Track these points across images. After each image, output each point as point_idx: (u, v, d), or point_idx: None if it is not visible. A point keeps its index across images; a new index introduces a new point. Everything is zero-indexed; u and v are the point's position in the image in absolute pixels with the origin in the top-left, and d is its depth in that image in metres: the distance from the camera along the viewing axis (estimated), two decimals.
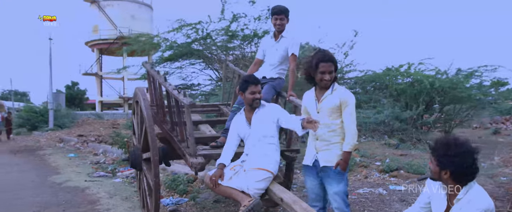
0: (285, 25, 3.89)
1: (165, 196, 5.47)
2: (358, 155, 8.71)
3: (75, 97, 39.64)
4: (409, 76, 13.30)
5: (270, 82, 3.91)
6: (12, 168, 8.36)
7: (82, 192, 5.64)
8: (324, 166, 2.81)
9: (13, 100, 36.00)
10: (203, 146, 3.73)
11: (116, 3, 35.42)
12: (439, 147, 2.03)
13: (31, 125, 20.54)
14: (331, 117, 2.79)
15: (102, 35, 33.80)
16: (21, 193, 5.73)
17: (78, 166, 8.31)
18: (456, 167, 1.96)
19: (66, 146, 12.59)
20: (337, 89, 2.84)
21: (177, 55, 14.23)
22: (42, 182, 6.55)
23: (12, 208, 4.88)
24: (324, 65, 2.77)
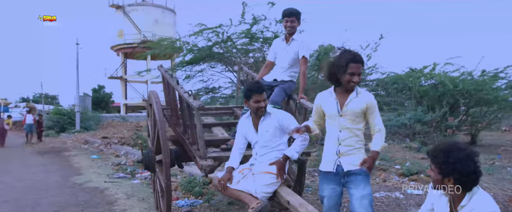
0: (296, 27, 3.89)
1: (181, 197, 5.55)
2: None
3: (101, 100, 40.73)
4: (433, 77, 12.98)
5: (280, 85, 3.91)
6: (38, 168, 8.68)
7: (101, 193, 5.80)
8: (349, 170, 2.66)
9: (43, 103, 37.34)
10: (214, 148, 3.77)
11: (140, 8, 36.27)
12: (439, 154, 1.96)
13: (59, 127, 21.25)
14: (354, 121, 2.67)
15: (127, 39, 34.64)
16: (45, 193, 5.95)
17: (99, 167, 8.54)
18: (459, 174, 1.89)
19: (90, 148, 12.96)
20: (362, 93, 2.72)
21: (198, 59, 14.41)
22: (65, 182, 6.77)
23: (37, 207, 5.07)
24: (354, 66, 2.62)
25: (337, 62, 2.68)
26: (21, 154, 12.08)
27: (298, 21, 3.89)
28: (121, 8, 35.75)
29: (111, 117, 26.92)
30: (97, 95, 40.48)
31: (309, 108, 3.54)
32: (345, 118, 2.68)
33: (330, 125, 2.75)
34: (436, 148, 2.02)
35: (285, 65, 3.94)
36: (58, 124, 21.44)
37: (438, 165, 1.96)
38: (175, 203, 5.19)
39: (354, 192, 2.66)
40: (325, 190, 2.79)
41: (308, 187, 5.90)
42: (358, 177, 2.65)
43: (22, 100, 42.00)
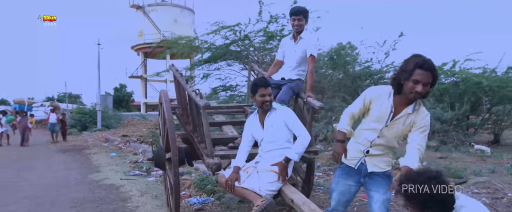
0: (303, 26, 3.88)
1: (193, 195, 5.63)
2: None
3: (122, 99, 41.56)
4: (453, 75, 12.66)
5: (288, 83, 3.92)
6: (59, 166, 8.96)
7: (116, 190, 5.94)
8: (372, 171, 2.55)
9: (67, 102, 38.42)
10: (222, 146, 3.81)
11: (160, 8, 36.81)
12: (406, 193, 1.76)
13: (81, 125, 21.82)
14: (396, 135, 2.50)
15: (146, 39, 35.21)
16: (64, 189, 6.14)
17: (117, 165, 8.74)
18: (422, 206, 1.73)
19: (110, 146, 13.26)
20: (420, 111, 2.42)
21: (215, 57, 14.54)
22: (83, 179, 6.97)
23: (55, 204, 5.24)
24: (421, 73, 2.26)
25: (404, 65, 2.36)
26: (45, 152, 12.48)
27: (306, 20, 3.88)
28: (141, 9, 36.38)
29: (131, 115, 27.45)
30: (118, 94, 41.35)
31: (316, 107, 3.54)
32: (390, 129, 2.49)
33: (371, 124, 2.54)
34: (402, 181, 1.83)
35: (293, 63, 3.95)
36: (80, 122, 22.01)
37: (410, 204, 1.79)
38: (187, 201, 5.27)
39: (374, 195, 2.57)
40: (340, 184, 2.69)
41: (320, 185, 5.88)
42: (380, 180, 2.56)
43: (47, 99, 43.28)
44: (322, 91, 12.59)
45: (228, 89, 15.50)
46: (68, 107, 34.50)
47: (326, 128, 10.84)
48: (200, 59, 14.91)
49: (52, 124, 16.08)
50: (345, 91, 13.00)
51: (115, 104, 35.35)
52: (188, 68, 16.91)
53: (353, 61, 13.56)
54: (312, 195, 5.32)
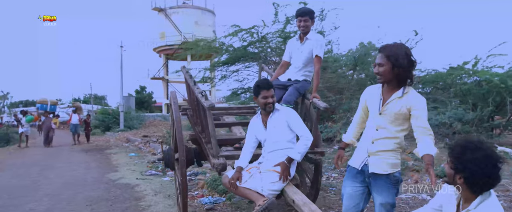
0: (309, 26, 3.88)
1: (206, 195, 5.70)
2: (411, 159, 8.30)
3: (144, 100, 42.41)
4: (475, 74, 12.27)
5: (294, 84, 3.91)
6: (80, 165, 9.24)
7: (131, 189, 6.08)
8: (373, 173, 2.47)
9: (93, 103, 39.51)
10: (228, 147, 3.85)
11: (181, 10, 37.33)
12: (455, 148, 1.86)
13: (105, 126, 22.40)
14: (393, 123, 2.43)
15: (168, 41, 35.77)
16: (82, 188, 6.34)
17: (135, 164, 8.93)
18: (470, 174, 1.78)
19: (130, 146, 13.56)
20: (409, 93, 2.41)
21: (233, 59, 14.65)
22: (101, 178, 7.17)
23: (72, 202, 5.42)
24: (378, 56, 2.44)
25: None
26: (68, 152, 12.89)
27: (312, 20, 3.88)
28: (162, 11, 36.98)
29: (153, 116, 27.96)
30: (141, 95, 42.20)
31: (321, 107, 3.53)
32: (384, 117, 2.46)
33: (370, 121, 2.57)
34: (457, 141, 1.93)
35: (299, 64, 3.94)
36: (103, 123, 22.61)
37: (452, 159, 1.87)
38: (199, 200, 5.34)
39: (375, 198, 2.51)
40: (347, 187, 2.64)
41: (332, 186, 5.84)
42: (383, 183, 2.47)
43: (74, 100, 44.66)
44: (340, 92, 12.46)
45: (247, 90, 15.60)
46: (93, 108, 35.49)
47: (343, 129, 10.73)
48: (218, 60, 15.07)
49: (74, 125, 15.66)
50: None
51: (138, 105, 36.10)
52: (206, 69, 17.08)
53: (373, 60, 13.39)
54: (323, 196, 5.29)
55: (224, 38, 14.57)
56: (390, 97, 2.44)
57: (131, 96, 33.97)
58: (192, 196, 5.61)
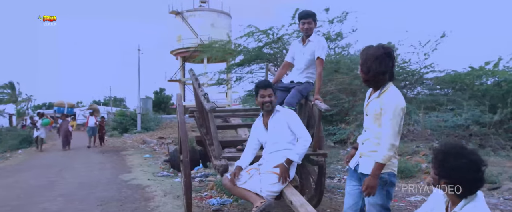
0: (312, 29, 3.90)
1: (215, 196, 5.76)
2: (425, 161, 8.18)
3: (162, 102, 42.95)
4: (495, 75, 11.97)
5: (296, 86, 3.93)
6: (95, 166, 9.47)
7: (142, 190, 6.20)
8: (362, 173, 2.54)
9: (112, 105, 40.30)
10: (231, 149, 3.90)
11: (197, 13, 37.75)
12: (438, 155, 1.87)
13: (123, 128, 22.79)
14: (375, 123, 2.47)
15: (184, 44, 36.18)
16: (95, 188, 6.50)
17: (149, 166, 9.09)
18: (454, 180, 1.79)
19: (146, 147, 13.79)
20: (386, 91, 2.44)
21: (247, 60, 14.71)
22: (114, 179, 7.34)
23: (84, 202, 5.57)
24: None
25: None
26: (85, 153, 13.22)
27: (315, 23, 3.90)
28: (179, 14, 37.46)
29: (170, 118, 28.27)
30: (158, 97, 42.78)
31: (322, 109, 3.54)
32: (369, 118, 2.52)
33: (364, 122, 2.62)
34: (440, 147, 1.94)
35: (301, 66, 3.96)
36: (121, 125, 23.00)
37: (435, 165, 1.87)
38: (207, 201, 5.41)
39: (365, 198, 2.53)
40: (347, 186, 2.72)
41: (341, 188, 5.81)
42: None
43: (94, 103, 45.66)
44: (354, 93, 12.37)
45: None
46: (113, 110, 36.20)
47: (357, 131, 10.64)
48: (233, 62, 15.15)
49: (92, 128, 15.43)
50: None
51: (155, 107, 36.62)
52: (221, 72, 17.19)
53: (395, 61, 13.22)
54: (330, 198, 5.28)
55: (239, 39, 14.68)
56: (371, 97, 2.53)
57: (149, 98, 34.51)
58: (201, 197, 5.68)
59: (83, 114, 24.66)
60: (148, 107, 27.99)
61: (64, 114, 17.07)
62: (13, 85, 36.83)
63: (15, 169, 9.76)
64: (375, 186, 2.37)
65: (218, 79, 16.49)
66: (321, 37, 4.00)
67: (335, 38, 13.00)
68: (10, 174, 8.73)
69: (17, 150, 15.08)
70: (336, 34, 12.87)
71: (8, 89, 37.43)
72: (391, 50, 2.48)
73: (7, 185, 7.23)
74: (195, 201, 5.41)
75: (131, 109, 30.93)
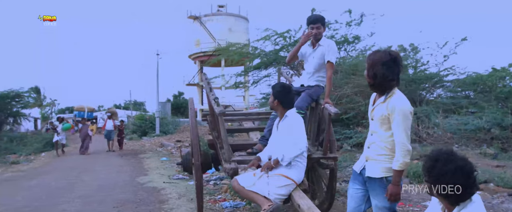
0: (321, 33, 3.90)
1: (228, 199, 5.80)
2: None
3: (180, 106, 43.45)
4: None
5: (306, 90, 3.94)
6: (114, 169, 9.67)
7: (157, 192, 6.30)
8: (369, 176, 2.54)
9: (132, 109, 41.04)
10: (241, 152, 3.94)
11: (215, 18, 38.14)
12: (427, 162, 1.87)
13: (142, 131, 23.20)
14: (383, 127, 2.48)
15: (203, 48, 36.59)
16: (112, 191, 6.65)
17: (165, 168, 9.23)
18: (444, 187, 1.78)
19: (163, 151, 13.99)
20: (392, 97, 2.44)
21: (264, 63, 14.76)
22: (130, 182, 7.48)
23: (101, 204, 5.70)
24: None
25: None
26: (105, 156, 13.50)
27: (324, 27, 3.90)
28: (198, 19, 37.93)
29: (188, 121, 28.58)
30: (177, 101, 43.32)
31: (332, 113, 3.53)
32: (375, 122, 2.55)
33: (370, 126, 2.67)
34: (429, 154, 1.92)
35: (311, 70, 3.97)
36: (140, 128, 23.42)
37: (425, 173, 1.88)
38: (221, 204, 5.46)
39: (372, 201, 2.56)
40: (350, 189, 2.73)
41: None
42: (376, 186, 2.51)
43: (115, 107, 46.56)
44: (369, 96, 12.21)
45: None
46: (132, 114, 36.86)
47: None
48: (250, 65, 15.23)
49: (109, 132, 15.19)
50: None
51: (174, 110, 37.09)
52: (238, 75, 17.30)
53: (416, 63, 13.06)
54: (343, 202, 5.24)
55: (256, 42, 14.77)
56: (377, 102, 2.54)
57: (168, 102, 35.00)
58: (215, 200, 5.73)
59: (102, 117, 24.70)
60: (166, 111, 28.42)
61: (84, 118, 16.89)
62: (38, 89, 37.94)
63: (38, 171, 10.06)
64: (399, 193, 2.40)
65: (234, 82, 16.61)
66: (331, 41, 3.99)
67: (352, 40, 12.95)
68: (34, 176, 9.01)
69: (41, 153, 15.51)
70: (353, 37, 12.82)
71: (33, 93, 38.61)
72: (397, 56, 2.49)
73: (30, 186, 7.47)
74: (208, 204, 5.48)
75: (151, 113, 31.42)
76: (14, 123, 22.36)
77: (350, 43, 12.91)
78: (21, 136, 19.04)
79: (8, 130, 20.92)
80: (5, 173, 9.92)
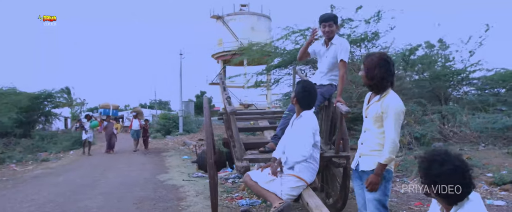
0: (334, 31, 3.87)
1: (245, 197, 5.86)
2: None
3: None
4: None
5: (319, 89, 3.92)
6: (136, 167, 9.92)
7: (176, 190, 6.42)
8: (362, 170, 2.70)
9: (157, 108, 41.85)
10: (253, 151, 3.96)
11: (238, 17, 38.29)
12: (423, 163, 1.88)
13: (165, 130, 23.65)
14: (376, 125, 2.63)
15: (225, 47, 36.81)
16: (133, 188, 6.82)
17: (186, 167, 9.38)
18: (439, 187, 1.79)
19: (185, 149, 14.21)
20: (386, 96, 2.60)
21: (285, 62, 14.75)
22: (151, 179, 7.65)
23: (122, 200, 5.87)
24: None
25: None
26: (129, 154, 13.83)
27: (336, 25, 3.87)
28: (220, 19, 38.19)
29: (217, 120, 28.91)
30: (200, 100, 43.85)
31: (343, 112, 3.51)
32: (368, 119, 2.69)
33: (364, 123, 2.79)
34: (425, 154, 1.94)
35: (324, 69, 3.96)
36: (164, 127, 23.88)
37: (421, 174, 1.89)
38: (237, 202, 5.52)
39: (365, 194, 2.69)
40: (354, 186, 2.90)
41: None
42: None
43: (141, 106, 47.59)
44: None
45: None
46: (157, 113, 37.59)
47: None
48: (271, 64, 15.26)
49: (136, 131, 15.08)
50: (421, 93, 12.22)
51: (197, 109, 37.52)
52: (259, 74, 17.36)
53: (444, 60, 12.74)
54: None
55: (276, 41, 14.77)
56: (372, 101, 2.70)
57: (191, 101, 35.47)
58: (232, 198, 5.79)
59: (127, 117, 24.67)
60: (189, 110, 28.80)
61: (109, 116, 16.87)
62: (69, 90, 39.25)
63: (66, 168, 10.44)
64: (377, 182, 2.55)
65: (255, 81, 16.66)
66: (344, 39, 3.96)
67: (372, 37, 12.73)
68: (61, 173, 9.37)
69: (70, 151, 16.08)
70: (372, 34, 12.60)
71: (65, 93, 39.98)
72: (391, 59, 2.67)
73: (56, 183, 7.76)
74: (225, 202, 5.55)
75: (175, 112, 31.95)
76: (46, 122, 23.26)
77: (369, 41, 12.69)
78: (52, 134, 19.77)
79: (40, 129, 21.78)
80: (35, 170, 10.35)
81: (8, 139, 16.12)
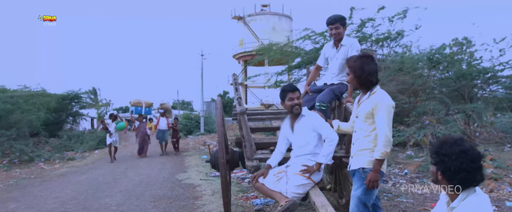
0: (342, 33, 3.87)
1: (260, 197, 5.90)
2: (491, 166, 7.54)
3: (225, 105, 44.31)
4: None
5: (330, 87, 3.94)
6: (157, 166, 10.13)
7: (193, 189, 6.54)
8: (352, 169, 2.76)
9: (179, 108, 42.48)
10: (264, 150, 4.01)
11: (259, 17, 38.40)
12: (435, 144, 1.87)
13: (187, 130, 24.00)
14: (366, 122, 2.69)
15: (246, 47, 36.99)
16: (151, 186, 6.99)
17: (204, 166, 9.51)
18: (447, 167, 1.76)
19: (205, 149, 14.36)
20: (375, 93, 2.67)
21: (305, 62, 14.72)
22: (169, 178, 7.81)
23: (140, 198, 6.02)
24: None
25: None
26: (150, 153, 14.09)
27: (344, 26, 3.87)
28: (242, 19, 38.41)
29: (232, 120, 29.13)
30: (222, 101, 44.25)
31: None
32: (359, 119, 2.76)
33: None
34: (439, 138, 1.99)
35: (335, 70, 3.96)
36: (186, 127, 24.24)
37: (431, 154, 1.89)
38: (252, 201, 5.57)
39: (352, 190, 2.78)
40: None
41: (387, 192, 5.62)
42: (355, 178, 2.73)
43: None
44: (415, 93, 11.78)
45: None
46: (180, 113, 38.17)
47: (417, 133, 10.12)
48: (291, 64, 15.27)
49: (162, 132, 13.25)
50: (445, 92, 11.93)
51: None
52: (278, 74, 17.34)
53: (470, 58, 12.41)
54: None
55: (296, 42, 14.77)
56: (361, 100, 2.76)
57: (212, 102, 35.78)
58: (247, 197, 5.85)
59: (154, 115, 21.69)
60: (211, 110, 29.10)
61: (141, 114, 13.53)
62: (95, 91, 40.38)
63: (90, 167, 10.78)
64: (377, 179, 2.58)
65: (275, 81, 16.69)
66: (354, 40, 3.94)
67: (395, 36, 12.54)
68: (85, 171, 9.69)
69: (95, 151, 16.57)
70: (397, 33, 12.40)
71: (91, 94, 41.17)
72: (374, 56, 2.76)
73: (80, 181, 8.04)
74: (240, 201, 5.61)
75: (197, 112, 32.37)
76: (73, 122, 24.05)
77: (393, 40, 12.50)
78: (78, 134, 20.40)
79: (67, 129, 22.53)
80: (61, 169, 10.74)
81: (38, 139, 16.74)
